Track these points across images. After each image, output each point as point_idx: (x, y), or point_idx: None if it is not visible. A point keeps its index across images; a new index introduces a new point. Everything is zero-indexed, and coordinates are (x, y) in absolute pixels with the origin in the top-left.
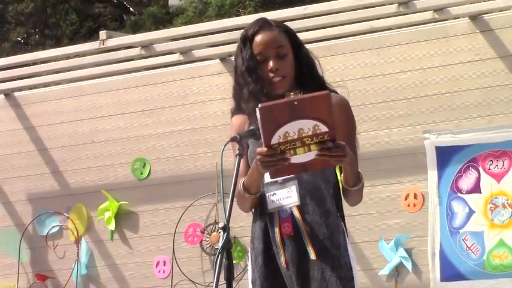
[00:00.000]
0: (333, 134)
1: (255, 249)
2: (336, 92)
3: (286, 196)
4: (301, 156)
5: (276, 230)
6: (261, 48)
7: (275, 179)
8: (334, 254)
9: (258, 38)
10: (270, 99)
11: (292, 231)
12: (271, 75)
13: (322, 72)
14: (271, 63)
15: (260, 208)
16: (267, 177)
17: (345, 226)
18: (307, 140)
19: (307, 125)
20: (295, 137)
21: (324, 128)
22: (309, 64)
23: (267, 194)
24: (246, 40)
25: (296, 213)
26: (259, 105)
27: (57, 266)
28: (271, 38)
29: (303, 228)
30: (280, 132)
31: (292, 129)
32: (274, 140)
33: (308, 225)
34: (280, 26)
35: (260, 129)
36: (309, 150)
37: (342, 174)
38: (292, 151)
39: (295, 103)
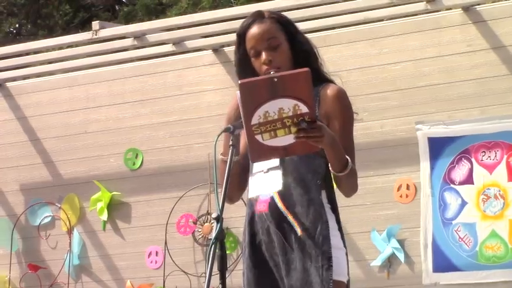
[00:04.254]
0: (313, 115)
1: (244, 241)
2: (333, 82)
3: (268, 183)
4: (282, 139)
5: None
6: (252, 43)
7: (260, 169)
8: (313, 243)
9: (250, 33)
10: None
11: (267, 209)
12: (265, 67)
13: (321, 61)
14: (263, 56)
15: (248, 200)
16: (254, 168)
17: (337, 217)
18: (288, 121)
19: (287, 105)
20: (276, 117)
21: (304, 109)
22: (305, 52)
23: (250, 182)
24: (240, 36)
25: (276, 196)
26: (239, 82)
27: (50, 257)
28: (261, 31)
29: (282, 205)
30: (261, 112)
31: (272, 108)
32: (255, 119)
33: (290, 213)
34: (272, 16)
35: (240, 108)
36: (290, 132)
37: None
38: (272, 133)
39: (275, 80)
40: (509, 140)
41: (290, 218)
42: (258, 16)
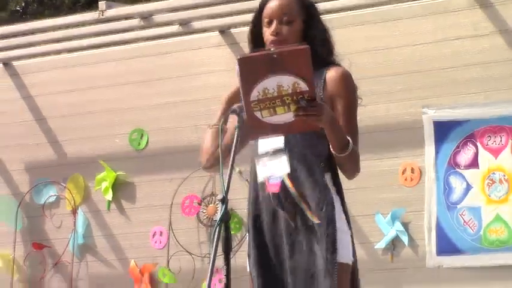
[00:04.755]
0: (312, 93)
1: (248, 223)
2: (340, 65)
3: (276, 166)
4: (282, 116)
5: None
6: (268, 12)
7: (265, 150)
8: (319, 226)
9: (270, 3)
10: None
11: (279, 191)
12: (272, 38)
13: (333, 50)
14: (273, 26)
15: (252, 182)
16: (259, 149)
17: (342, 200)
18: (287, 99)
19: (286, 82)
20: (275, 94)
21: (303, 87)
22: (317, 39)
23: (257, 166)
24: (261, 7)
25: (287, 180)
26: (238, 56)
27: (54, 236)
28: (280, 4)
29: (294, 190)
30: (260, 88)
31: (271, 85)
32: (253, 96)
33: (300, 195)
34: None
35: (239, 83)
36: (289, 110)
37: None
38: (272, 110)
39: (274, 55)
40: None
41: (301, 201)
42: None
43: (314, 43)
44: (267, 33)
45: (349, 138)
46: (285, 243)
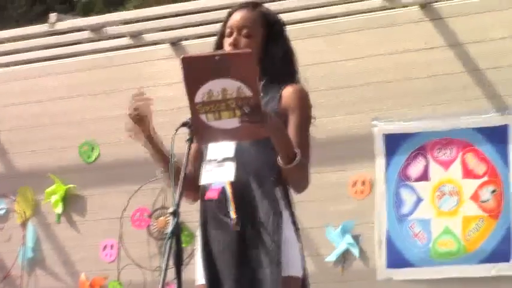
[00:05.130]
0: (256, 100)
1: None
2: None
3: (221, 173)
4: (228, 122)
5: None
6: (231, 23)
7: (214, 158)
8: (265, 237)
9: (234, 15)
10: None
11: (217, 197)
12: (228, 48)
13: (295, 69)
14: (232, 37)
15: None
16: (208, 155)
17: (292, 212)
18: (232, 104)
19: (231, 86)
20: (220, 97)
21: (247, 92)
22: (275, 55)
23: (202, 170)
24: (227, 17)
25: (227, 187)
26: (182, 56)
27: (3, 249)
28: (243, 17)
29: (231, 198)
30: (204, 90)
31: (216, 88)
32: (198, 98)
33: (245, 204)
34: (262, 11)
35: (184, 83)
36: (234, 115)
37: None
38: (217, 114)
39: (217, 57)
40: (464, 137)
41: (232, 209)
42: (251, 4)
43: (272, 61)
44: (226, 43)
45: (297, 150)
46: (227, 250)
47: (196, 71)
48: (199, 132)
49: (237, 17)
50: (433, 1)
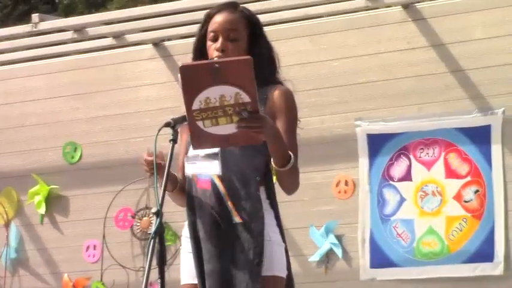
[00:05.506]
0: (255, 105)
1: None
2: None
3: (207, 166)
4: (225, 128)
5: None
6: (215, 27)
7: (196, 153)
8: (247, 237)
9: (216, 17)
10: None
11: (209, 188)
12: (217, 54)
13: (278, 68)
14: (219, 43)
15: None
16: (190, 151)
17: (276, 213)
18: (229, 110)
19: (229, 93)
20: (217, 104)
21: (246, 98)
22: (261, 56)
23: (186, 163)
24: (206, 18)
25: (216, 179)
26: (180, 64)
27: None
28: (227, 19)
29: (224, 189)
30: (202, 97)
31: (213, 95)
32: (195, 105)
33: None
34: (244, 12)
35: (182, 91)
36: (232, 121)
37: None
38: (214, 120)
39: (216, 65)
40: (447, 137)
41: (229, 203)
42: (231, 6)
43: (259, 61)
44: (212, 48)
45: (291, 153)
46: (208, 246)
47: (195, 79)
48: (196, 138)
49: (220, 19)
50: (416, 1)
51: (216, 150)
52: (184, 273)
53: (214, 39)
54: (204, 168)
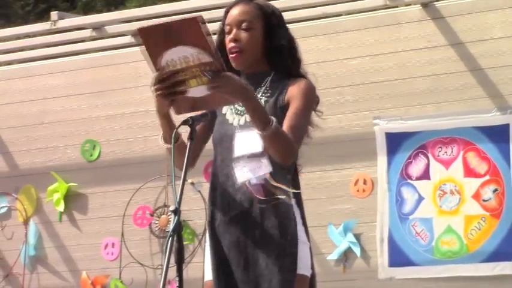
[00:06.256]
0: (217, 64)
1: (207, 231)
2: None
3: (257, 167)
4: (197, 90)
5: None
6: (229, 20)
7: (241, 154)
8: (280, 242)
9: (231, 11)
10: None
11: (263, 195)
12: (230, 44)
13: (299, 58)
14: (232, 34)
15: (210, 191)
16: (235, 152)
17: (302, 212)
18: (196, 71)
19: (190, 53)
20: (183, 65)
21: (206, 58)
22: (279, 47)
23: (235, 169)
24: (224, 14)
25: (269, 178)
26: (138, 27)
27: (5, 247)
28: (240, 11)
29: (275, 183)
30: (167, 59)
31: (176, 56)
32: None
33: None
34: (258, 3)
35: (148, 55)
36: (202, 82)
37: None
38: (186, 82)
39: (166, 25)
40: (465, 136)
41: (276, 190)
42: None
43: (278, 52)
44: (227, 40)
45: (272, 118)
46: (240, 254)
47: (154, 41)
48: (175, 104)
49: (235, 12)
50: (435, 0)
51: (259, 149)
52: (208, 270)
53: (229, 32)
54: (254, 170)
